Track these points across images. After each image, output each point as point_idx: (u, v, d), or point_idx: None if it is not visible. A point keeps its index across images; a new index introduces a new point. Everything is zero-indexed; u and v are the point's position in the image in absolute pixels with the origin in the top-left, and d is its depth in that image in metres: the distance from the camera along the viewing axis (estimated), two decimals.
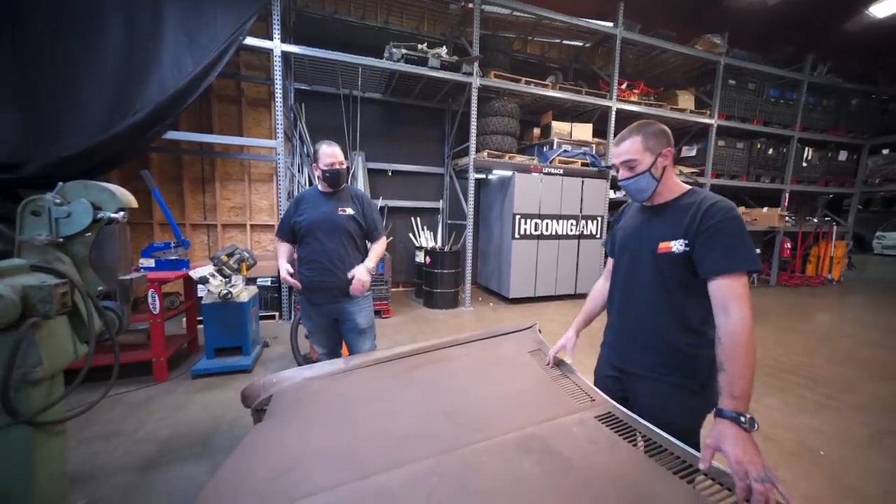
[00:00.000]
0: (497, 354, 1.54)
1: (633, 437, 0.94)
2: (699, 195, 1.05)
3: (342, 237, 1.87)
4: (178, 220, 4.51)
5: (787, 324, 4.44)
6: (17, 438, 1.07)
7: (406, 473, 0.85)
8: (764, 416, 2.31)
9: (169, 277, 2.55)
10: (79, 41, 2.83)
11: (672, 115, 5.80)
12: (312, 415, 1.21)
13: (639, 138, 1.05)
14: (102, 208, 1.30)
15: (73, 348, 1.21)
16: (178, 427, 2.03)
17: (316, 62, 4.17)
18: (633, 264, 1.13)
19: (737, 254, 0.92)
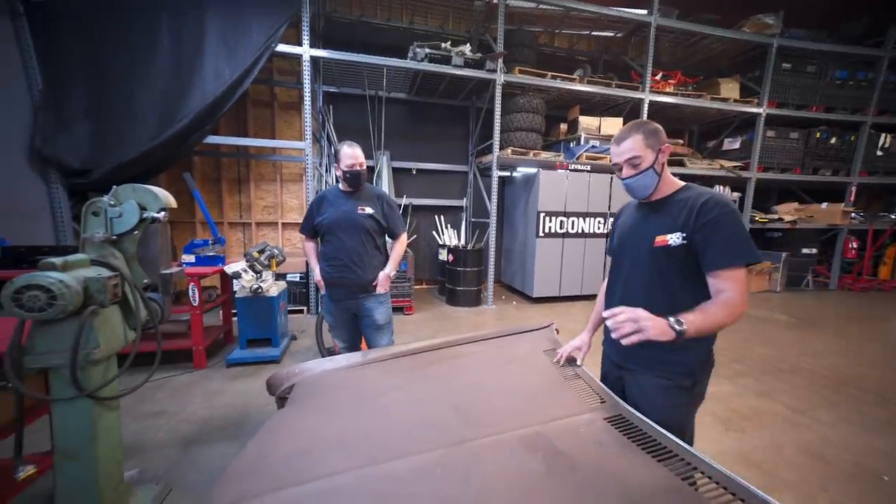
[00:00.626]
0: (511, 353, 1.55)
1: (643, 441, 0.92)
2: (694, 190, 1.09)
3: (361, 235, 1.94)
4: (217, 218, 4.86)
5: (849, 331, 4.05)
6: (82, 409, 1.24)
7: (413, 463, 0.89)
8: (814, 431, 2.14)
9: (206, 272, 2.77)
10: (136, 58, 3.16)
11: (713, 104, 5.44)
12: (329, 404, 1.28)
13: (640, 136, 1.08)
14: (147, 209, 1.45)
15: (123, 334, 1.37)
16: (215, 410, 2.21)
17: (343, 65, 4.33)
18: (633, 260, 1.16)
19: (736, 248, 0.97)
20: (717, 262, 0.98)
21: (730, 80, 5.77)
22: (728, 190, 5.96)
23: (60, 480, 1.23)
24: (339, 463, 0.92)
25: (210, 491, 0.85)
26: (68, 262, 1.18)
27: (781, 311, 4.89)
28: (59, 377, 1.18)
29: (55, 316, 1.10)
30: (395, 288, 4.37)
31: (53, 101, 2.92)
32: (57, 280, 1.09)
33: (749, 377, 2.83)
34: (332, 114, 5.07)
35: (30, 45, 2.92)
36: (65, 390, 1.18)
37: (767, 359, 3.22)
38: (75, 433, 1.24)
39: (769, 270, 6.19)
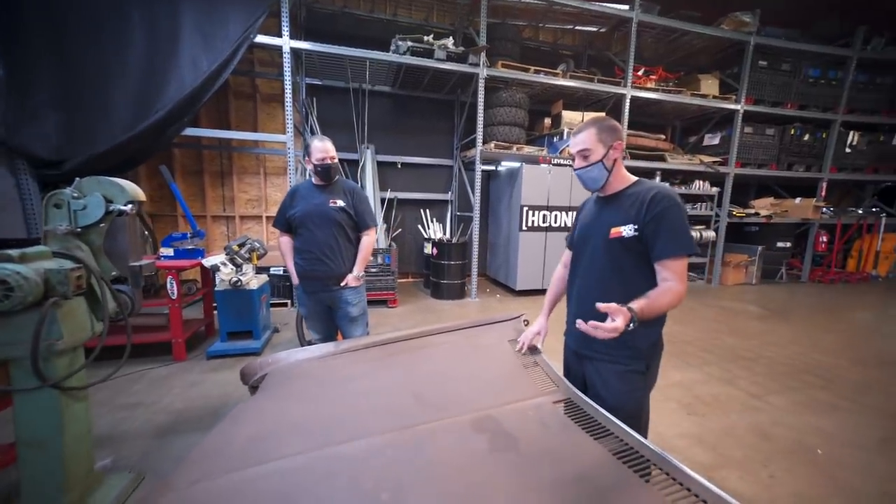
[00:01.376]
0: (477, 342, 1.60)
1: (586, 421, 0.98)
2: (645, 185, 1.17)
3: (333, 228, 1.97)
4: (200, 212, 4.81)
5: (816, 322, 4.23)
6: (47, 400, 1.26)
7: (366, 444, 0.94)
8: (766, 413, 2.28)
9: (185, 265, 2.76)
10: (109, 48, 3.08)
11: (693, 101, 5.54)
12: (295, 392, 1.32)
13: (593, 130, 1.15)
14: (114, 201, 1.45)
15: (90, 326, 1.38)
16: (192, 401, 2.23)
17: (325, 57, 4.28)
18: (591, 251, 1.22)
19: (678, 240, 1.06)
20: (662, 253, 1.07)
21: (709, 77, 5.86)
22: (707, 185, 6.10)
23: (26, 471, 1.25)
24: (296, 446, 0.96)
25: (172, 473, 0.89)
26: (26, 254, 1.19)
27: (755, 303, 5.06)
28: (20, 368, 1.19)
29: (12, 307, 1.11)
30: (378, 281, 4.40)
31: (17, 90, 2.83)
32: (13, 272, 1.10)
33: (715, 366, 2.96)
34: (315, 106, 5.02)
35: None
36: (26, 381, 1.20)
37: (734, 348, 3.36)
38: (40, 424, 1.25)
39: (745, 263, 6.38)
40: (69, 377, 1.29)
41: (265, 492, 0.80)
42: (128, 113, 3.09)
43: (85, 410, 1.40)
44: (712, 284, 6.21)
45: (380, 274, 4.40)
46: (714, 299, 5.23)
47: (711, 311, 4.57)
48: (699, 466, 1.78)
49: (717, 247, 6.16)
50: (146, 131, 3.10)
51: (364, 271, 2.11)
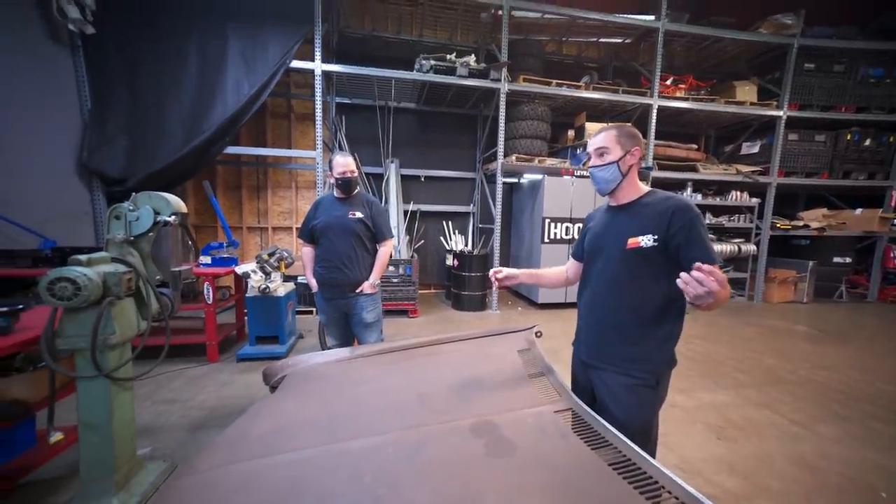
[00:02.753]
0: (486, 351, 1.63)
1: (587, 433, 0.98)
2: (659, 195, 1.17)
3: (351, 239, 2.09)
4: (237, 223, 5.19)
5: (881, 346, 3.82)
6: (100, 387, 1.43)
7: (369, 442, 1.00)
8: (811, 443, 2.08)
9: (220, 272, 2.99)
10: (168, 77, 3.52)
11: (727, 108, 5.32)
12: (309, 392, 1.41)
13: (613, 132, 1.18)
14: (161, 213, 1.65)
15: (136, 324, 1.56)
16: (223, 400, 2.40)
17: (353, 78, 4.57)
18: (604, 261, 1.21)
19: (708, 251, 1.07)
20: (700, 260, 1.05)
21: (746, 83, 5.61)
22: (746, 195, 5.76)
23: (84, 448, 1.42)
24: (306, 440, 1.04)
25: (195, 458, 0.99)
26: (92, 259, 1.38)
27: (804, 322, 4.66)
28: (83, 358, 1.37)
29: (80, 304, 1.29)
30: (399, 291, 4.51)
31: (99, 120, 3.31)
32: (81, 273, 1.28)
33: (752, 388, 2.75)
34: (344, 124, 5.33)
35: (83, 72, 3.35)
36: (87, 369, 1.37)
37: (776, 370, 3.11)
38: (96, 408, 1.42)
39: (794, 280, 5.89)
40: (119, 368, 1.46)
41: (275, 479, 0.87)
42: (180, 134, 3.49)
43: (130, 400, 1.57)
44: (754, 302, 5.78)
45: (401, 284, 4.51)
46: (756, 318, 4.87)
47: (751, 330, 4.26)
48: (727, 494, 1.66)
49: (759, 261, 5.75)
50: (195, 150, 3.46)
51: (380, 280, 2.21)
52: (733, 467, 1.85)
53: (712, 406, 2.46)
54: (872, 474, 1.82)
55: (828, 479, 1.79)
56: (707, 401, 2.53)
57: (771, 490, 1.70)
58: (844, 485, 1.75)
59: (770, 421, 2.30)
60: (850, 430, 2.22)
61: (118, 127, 3.40)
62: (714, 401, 2.54)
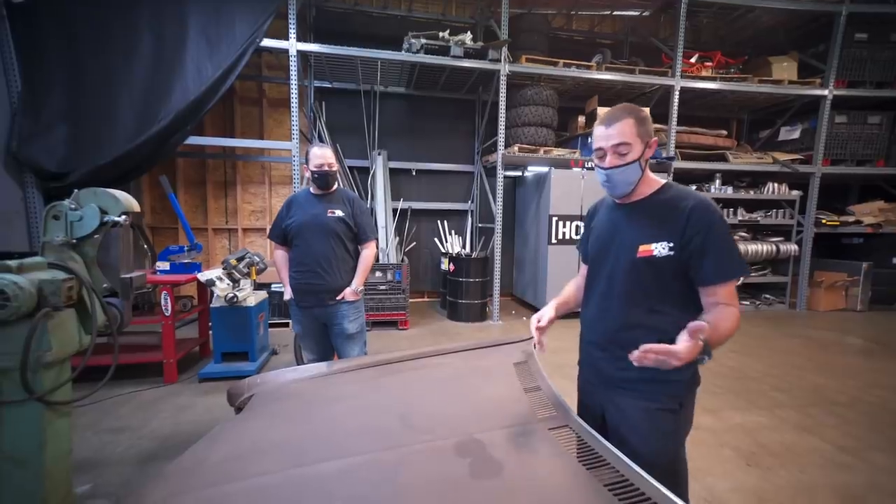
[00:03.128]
0: (479, 364, 1.64)
1: (582, 452, 0.99)
2: (674, 191, 1.12)
3: (331, 239, 2.10)
4: (201, 224, 5.21)
5: None
6: (31, 413, 1.42)
7: (342, 464, 1.01)
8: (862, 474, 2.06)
9: (180, 280, 3.00)
10: (115, 57, 3.53)
11: (761, 89, 5.37)
12: (278, 412, 1.42)
13: (632, 121, 1.07)
14: (108, 212, 1.66)
15: (78, 338, 1.56)
16: (180, 426, 2.40)
17: (334, 59, 4.61)
18: (611, 270, 1.16)
19: (731, 261, 1.03)
20: (714, 277, 1.03)
21: (785, 59, 5.65)
22: (786, 187, 5.80)
23: (6, 488, 1.41)
24: (271, 465, 1.04)
25: (141, 490, 1.00)
26: (24, 265, 1.38)
27: (857, 333, 4.66)
28: (10, 380, 1.36)
29: (7, 317, 1.29)
30: (387, 300, 4.51)
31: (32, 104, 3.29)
32: (10, 281, 1.28)
33: (791, 409, 2.75)
34: (324, 111, 5.37)
35: (10, 48, 3.31)
36: (15, 392, 1.37)
37: (821, 389, 3.11)
38: (24, 438, 1.41)
39: (844, 284, 5.89)
40: (55, 390, 1.46)
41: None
42: (132, 122, 3.50)
43: (67, 428, 1.56)
44: (797, 309, 5.79)
45: (389, 292, 4.52)
46: (799, 328, 4.88)
47: (793, 343, 4.26)
48: None
49: (802, 263, 5.76)
50: (150, 141, 3.47)
51: (364, 286, 2.23)
52: (764, 498, 1.84)
53: (743, 428, 2.46)
54: None
55: None
56: (737, 422, 2.53)
57: None
58: None
59: (812, 447, 2.29)
60: None
61: (56, 113, 3.37)
62: (746, 423, 2.54)
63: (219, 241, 5.37)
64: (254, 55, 4.32)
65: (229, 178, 5.31)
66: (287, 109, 5.26)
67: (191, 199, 5.19)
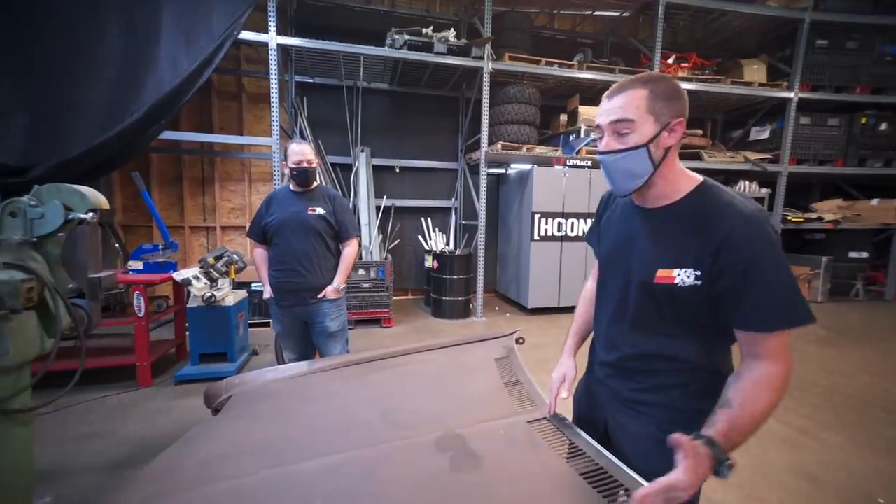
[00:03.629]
0: (460, 360, 1.64)
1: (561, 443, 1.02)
2: (715, 195, 0.82)
3: (311, 237, 2.05)
4: (178, 222, 5.02)
5: (894, 347, 4.05)
6: None
7: (322, 463, 1.00)
8: (815, 452, 2.22)
9: (154, 280, 2.88)
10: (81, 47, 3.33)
11: (734, 90, 5.52)
12: (257, 412, 1.39)
13: (643, 92, 0.80)
14: (74, 209, 1.56)
15: (40, 342, 1.46)
16: (154, 431, 2.30)
17: (315, 53, 4.50)
18: (622, 288, 0.93)
19: (780, 305, 0.75)
20: (756, 323, 0.76)
21: (755, 62, 5.83)
22: (756, 186, 6.00)
23: None
24: (249, 466, 1.02)
25: (115, 494, 0.95)
26: None
27: (818, 323, 4.84)
28: None
29: None
30: (371, 298, 4.46)
31: None
32: None
33: None
34: (305, 107, 5.24)
35: None
36: None
37: None
38: None
39: (808, 277, 6.16)
40: (14, 397, 1.36)
41: None
42: (102, 115, 3.31)
43: (27, 437, 1.46)
44: None
45: (373, 290, 4.46)
46: None
47: None
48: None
49: None
50: (122, 135, 3.30)
51: (346, 284, 2.19)
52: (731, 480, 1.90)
53: None
54: (872, 481, 1.98)
55: (827, 487, 1.93)
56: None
57: (768, 502, 1.81)
58: (843, 493, 1.89)
59: (774, 429, 2.43)
60: (855, 435, 2.39)
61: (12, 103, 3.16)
62: None
63: (196, 239, 5.19)
64: (232, 48, 4.18)
65: (207, 175, 5.13)
66: (267, 104, 5.12)
67: (166, 197, 4.99)
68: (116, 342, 3.10)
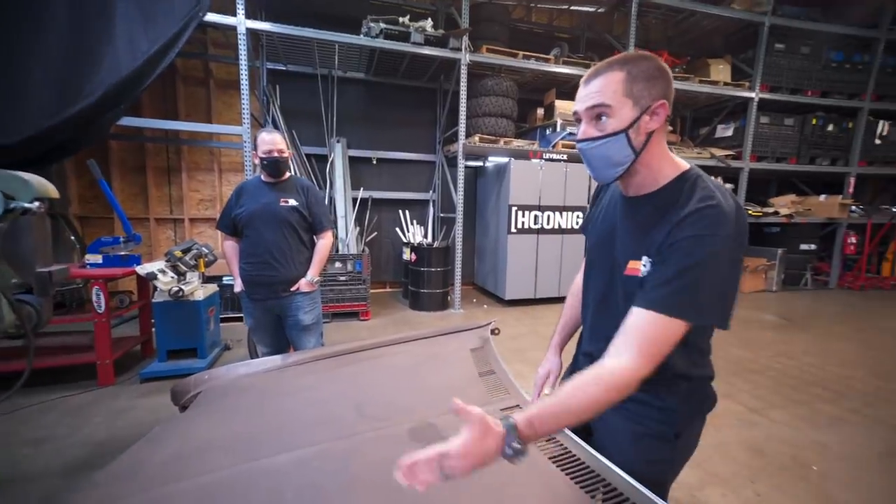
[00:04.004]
0: (435, 351, 1.64)
1: None
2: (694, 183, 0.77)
3: (283, 229, 1.99)
4: (142, 213, 4.76)
5: (835, 332, 4.35)
6: None
7: (294, 457, 0.97)
8: (763, 428, 2.38)
9: (115, 274, 2.72)
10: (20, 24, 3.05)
11: (702, 88, 5.70)
12: (226, 408, 1.33)
13: (620, 75, 0.74)
14: (16, 198, 1.44)
15: None
16: (117, 431, 2.18)
17: (287, 40, 4.32)
18: (607, 277, 0.91)
19: (689, 294, 0.70)
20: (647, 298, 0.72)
21: (721, 62, 6.05)
22: (720, 181, 6.24)
23: None
24: (217, 462, 0.98)
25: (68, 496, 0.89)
26: None
27: (772, 311, 5.17)
28: None
29: None
30: (348, 291, 4.38)
31: None
32: None
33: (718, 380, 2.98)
34: (278, 95, 5.05)
35: None
36: None
37: (741, 360, 3.45)
38: None
39: (764, 268, 6.52)
40: None
41: None
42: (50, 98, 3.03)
43: None
44: None
45: (350, 283, 4.39)
46: None
47: None
48: (682, 485, 1.85)
49: None
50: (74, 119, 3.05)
51: (320, 277, 2.14)
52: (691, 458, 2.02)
53: None
54: (810, 451, 2.16)
55: (773, 459, 2.08)
56: None
57: (721, 476, 1.95)
58: (786, 463, 2.06)
59: (729, 410, 2.59)
60: (798, 412, 2.58)
61: None
62: None
63: (163, 231, 4.94)
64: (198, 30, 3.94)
65: (173, 165, 4.87)
66: (237, 92, 4.88)
67: (128, 187, 4.71)
68: (75, 340, 2.91)
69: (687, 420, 0.89)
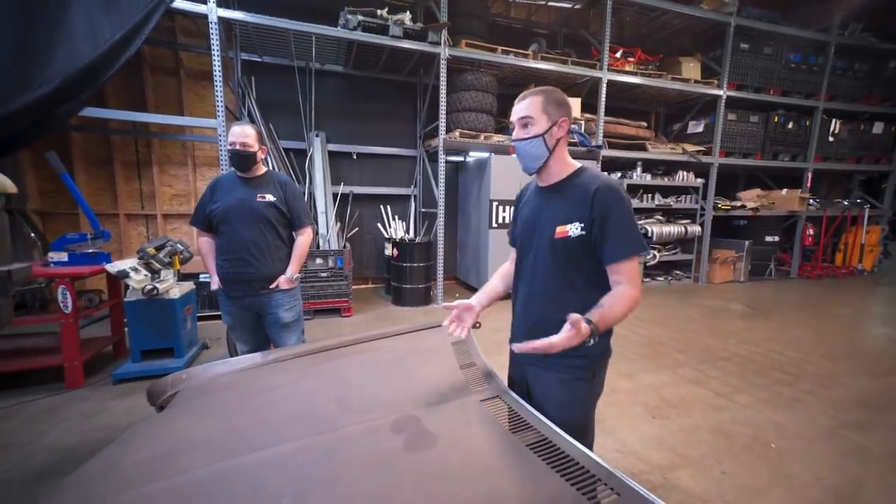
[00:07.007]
0: (416, 346, 1.65)
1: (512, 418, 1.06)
2: (587, 174, 1.17)
3: (260, 225, 1.94)
4: (110, 209, 4.55)
5: (794, 319, 4.59)
6: None
7: (275, 452, 0.96)
8: (729, 412, 2.51)
9: (82, 272, 2.60)
10: None
11: (673, 85, 5.87)
12: (205, 407, 1.30)
13: (539, 98, 1.13)
14: None
15: None
16: (87, 435, 2.10)
17: (262, 30, 4.19)
18: (535, 252, 1.21)
19: (628, 240, 1.08)
20: (613, 256, 1.08)
21: (691, 60, 6.23)
22: (692, 176, 6.48)
23: None
24: (197, 461, 0.96)
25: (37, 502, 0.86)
26: None
27: (739, 301, 5.43)
28: None
29: None
30: (329, 287, 4.34)
31: None
32: None
33: (688, 367, 3.17)
34: (254, 87, 4.90)
35: None
36: None
37: (710, 348, 3.62)
38: None
39: (733, 260, 6.81)
40: None
41: None
42: None
43: None
44: (699, 283, 6.58)
45: (331, 279, 4.34)
46: (699, 298, 5.55)
47: (694, 311, 4.86)
48: (654, 467, 1.95)
49: (704, 242, 6.53)
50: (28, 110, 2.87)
51: (300, 274, 2.11)
52: (663, 442, 2.16)
53: (652, 387, 2.80)
54: (770, 431, 2.30)
55: (737, 440, 2.21)
56: (647, 382, 2.87)
57: (691, 458, 2.05)
58: (748, 443, 2.19)
59: (699, 396, 2.71)
60: (760, 395, 2.73)
61: None
62: (654, 382, 2.88)
63: (134, 228, 4.74)
64: (167, 17, 3.78)
65: (143, 158, 4.67)
66: (210, 83, 4.72)
67: (94, 181, 4.49)
68: (39, 342, 2.77)
69: (599, 366, 1.21)
